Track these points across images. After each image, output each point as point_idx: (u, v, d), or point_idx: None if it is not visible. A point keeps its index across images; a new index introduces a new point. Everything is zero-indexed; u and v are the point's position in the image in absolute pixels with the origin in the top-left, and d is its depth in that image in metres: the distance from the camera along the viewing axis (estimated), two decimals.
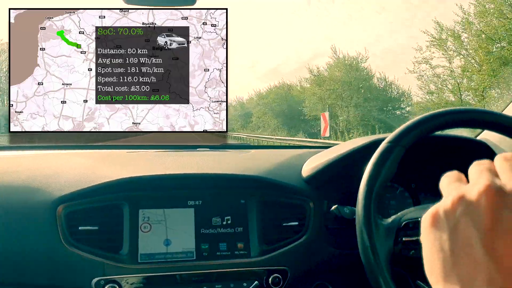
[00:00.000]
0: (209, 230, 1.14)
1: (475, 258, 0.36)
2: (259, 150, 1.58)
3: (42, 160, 1.27)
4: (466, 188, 0.39)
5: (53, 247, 1.04)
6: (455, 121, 0.90)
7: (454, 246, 0.37)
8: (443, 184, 0.44)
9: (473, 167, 0.42)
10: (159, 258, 1.10)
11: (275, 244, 1.16)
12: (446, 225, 0.38)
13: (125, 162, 1.27)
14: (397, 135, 0.90)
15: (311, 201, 1.19)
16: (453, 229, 0.38)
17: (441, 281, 0.38)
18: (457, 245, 0.37)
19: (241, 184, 1.19)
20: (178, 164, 1.26)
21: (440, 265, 0.38)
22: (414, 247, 0.90)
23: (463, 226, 0.37)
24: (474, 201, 0.37)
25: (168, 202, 1.14)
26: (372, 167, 0.90)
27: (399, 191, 1.33)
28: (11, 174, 1.16)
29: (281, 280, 1.13)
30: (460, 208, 0.38)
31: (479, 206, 0.36)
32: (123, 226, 1.10)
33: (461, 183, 0.42)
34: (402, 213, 0.96)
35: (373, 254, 0.84)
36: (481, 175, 0.39)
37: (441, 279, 0.38)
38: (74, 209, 1.08)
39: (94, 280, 1.04)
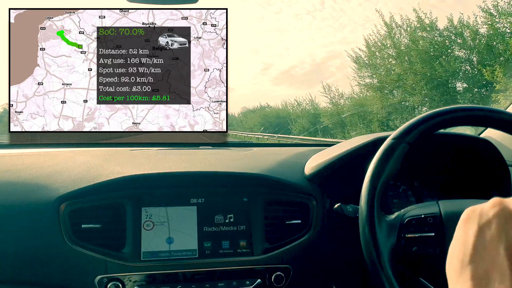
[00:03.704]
0: (211, 228, 1.14)
1: (495, 259, 0.36)
2: (262, 148, 1.58)
3: (45, 158, 1.27)
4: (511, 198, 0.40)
5: (56, 245, 1.04)
6: (459, 119, 0.90)
7: (478, 243, 0.38)
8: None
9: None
10: (162, 256, 1.10)
11: (278, 242, 1.16)
12: (477, 223, 0.39)
13: (127, 160, 1.27)
14: (401, 132, 0.90)
15: (314, 199, 1.19)
16: (482, 228, 0.39)
17: (457, 273, 0.39)
18: (481, 243, 0.38)
19: (243, 182, 1.19)
20: (181, 162, 1.26)
21: (460, 258, 0.39)
22: (417, 244, 0.90)
23: (494, 227, 0.38)
24: (511, 210, 0.38)
25: (170, 200, 1.14)
26: (376, 163, 0.90)
27: (402, 189, 1.33)
28: (14, 172, 1.16)
29: (284, 278, 1.13)
30: (496, 211, 0.39)
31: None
32: (126, 224, 1.10)
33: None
34: (405, 210, 0.96)
35: (376, 251, 0.84)
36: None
37: (457, 271, 0.39)
38: (77, 207, 1.08)
39: (97, 278, 1.04)
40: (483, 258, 0.37)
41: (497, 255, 0.36)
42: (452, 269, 0.40)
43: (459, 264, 0.39)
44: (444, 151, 1.28)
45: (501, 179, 1.19)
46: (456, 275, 0.39)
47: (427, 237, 0.89)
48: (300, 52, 67.26)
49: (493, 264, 0.36)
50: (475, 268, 0.37)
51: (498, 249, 0.37)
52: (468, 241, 0.39)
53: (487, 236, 0.38)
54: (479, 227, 0.39)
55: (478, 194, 1.23)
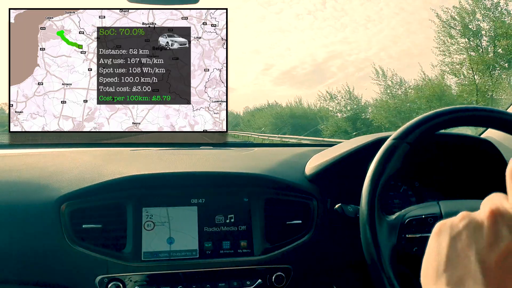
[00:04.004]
0: (212, 229, 1.14)
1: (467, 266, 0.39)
2: (262, 148, 1.58)
3: (46, 158, 1.27)
4: (477, 212, 0.43)
5: (56, 245, 1.04)
6: (460, 119, 0.90)
7: (450, 252, 0.41)
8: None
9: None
10: (163, 256, 1.10)
11: (279, 243, 1.16)
12: (449, 234, 0.42)
13: (128, 160, 1.27)
14: (402, 132, 0.90)
15: (315, 199, 1.19)
16: (454, 239, 0.41)
17: (433, 280, 0.42)
18: (453, 252, 0.41)
19: (244, 182, 1.19)
20: (181, 162, 1.26)
21: (435, 267, 0.42)
22: (417, 244, 0.90)
23: (464, 237, 0.41)
24: (479, 220, 0.41)
25: (171, 200, 1.14)
26: (377, 163, 0.90)
27: (402, 190, 1.33)
28: (14, 172, 1.16)
29: (285, 279, 1.13)
30: (465, 223, 0.42)
31: (482, 225, 0.40)
32: (127, 225, 1.10)
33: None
34: (405, 210, 0.96)
35: (376, 251, 0.85)
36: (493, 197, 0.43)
37: (433, 279, 0.42)
38: (78, 207, 1.08)
39: (98, 278, 1.04)
40: (457, 266, 0.40)
41: (469, 262, 0.39)
42: (428, 278, 0.43)
43: (434, 273, 0.42)
44: (445, 152, 1.28)
45: (501, 180, 1.19)
46: (432, 283, 0.42)
47: (427, 237, 0.88)
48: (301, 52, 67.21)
49: (466, 271, 0.39)
50: (450, 275, 0.40)
51: (469, 256, 0.39)
52: (441, 251, 0.42)
53: (458, 246, 0.41)
54: (451, 238, 0.42)
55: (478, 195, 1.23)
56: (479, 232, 0.40)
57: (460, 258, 0.40)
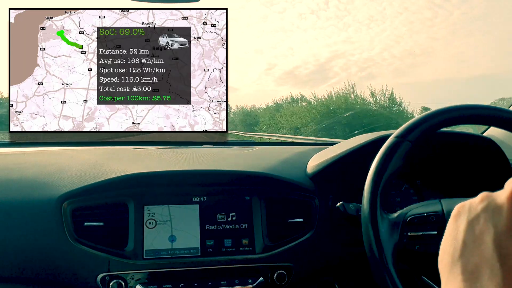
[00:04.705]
0: (214, 227, 1.14)
1: (483, 252, 0.37)
2: (264, 147, 1.58)
3: (47, 157, 1.27)
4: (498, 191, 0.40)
5: (58, 243, 1.04)
6: (462, 117, 0.90)
7: (467, 237, 0.39)
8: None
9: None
10: (164, 254, 1.10)
11: (280, 241, 1.16)
12: (467, 218, 0.40)
13: (130, 159, 1.27)
14: (404, 130, 0.90)
15: (316, 197, 1.19)
16: (471, 222, 0.39)
17: (448, 268, 0.40)
18: (470, 237, 0.39)
19: (246, 180, 1.19)
20: (183, 160, 1.26)
21: (451, 253, 0.40)
22: (420, 242, 0.90)
23: (482, 221, 0.38)
24: (498, 202, 0.38)
25: (173, 198, 1.14)
26: (378, 162, 0.90)
27: (404, 188, 1.33)
28: (16, 170, 1.16)
29: (286, 277, 1.13)
30: (484, 205, 0.39)
31: (502, 207, 0.38)
32: (128, 222, 1.10)
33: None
34: (407, 208, 0.96)
35: (378, 249, 0.84)
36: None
37: (448, 266, 0.40)
38: (80, 205, 1.08)
39: (100, 276, 1.04)
40: (473, 252, 0.38)
41: (486, 248, 0.37)
42: (444, 265, 0.41)
43: (450, 259, 0.40)
44: (446, 150, 1.28)
45: (503, 178, 1.19)
46: (447, 270, 0.40)
47: (429, 235, 0.89)
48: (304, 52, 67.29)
49: (483, 258, 0.37)
50: (465, 262, 0.38)
51: (486, 242, 0.37)
52: (458, 236, 0.40)
53: (476, 230, 0.39)
54: (468, 222, 0.40)
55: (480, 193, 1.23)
56: (498, 215, 0.38)
57: (477, 243, 0.38)
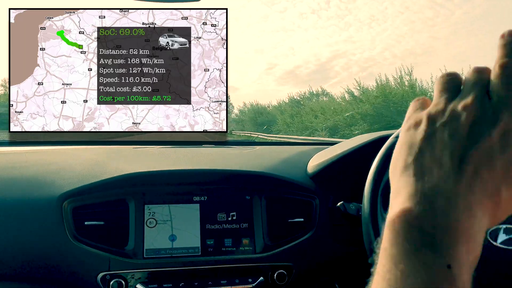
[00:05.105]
0: (214, 226, 1.14)
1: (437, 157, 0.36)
2: (264, 146, 1.59)
3: (48, 156, 1.27)
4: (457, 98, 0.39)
5: (59, 242, 1.04)
6: None
7: (424, 145, 0.38)
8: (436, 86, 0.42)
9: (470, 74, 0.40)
10: (165, 253, 1.10)
11: (280, 240, 1.16)
12: (425, 127, 0.39)
13: (131, 158, 1.27)
14: None
15: (317, 197, 1.19)
16: (430, 135, 0.38)
17: (400, 171, 0.39)
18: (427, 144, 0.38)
19: (246, 180, 1.19)
20: (184, 160, 1.26)
21: (404, 158, 0.39)
22: None
23: (439, 133, 0.37)
24: (458, 111, 0.37)
25: (173, 197, 1.14)
26: (379, 162, 0.90)
27: None
28: (17, 169, 1.16)
29: (286, 276, 1.13)
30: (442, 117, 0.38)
31: (460, 117, 0.37)
32: (129, 222, 1.10)
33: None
34: None
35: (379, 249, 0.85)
36: (473, 86, 0.38)
37: (400, 170, 0.39)
38: (80, 204, 1.08)
39: (100, 275, 1.04)
40: (426, 154, 0.37)
41: (442, 156, 0.36)
42: (396, 170, 0.40)
43: (403, 164, 0.39)
44: None
45: None
46: (399, 173, 0.39)
47: None
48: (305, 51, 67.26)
49: (434, 159, 0.36)
50: (418, 163, 0.37)
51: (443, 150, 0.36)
52: (414, 142, 0.39)
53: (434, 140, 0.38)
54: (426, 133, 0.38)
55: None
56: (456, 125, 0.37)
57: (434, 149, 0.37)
